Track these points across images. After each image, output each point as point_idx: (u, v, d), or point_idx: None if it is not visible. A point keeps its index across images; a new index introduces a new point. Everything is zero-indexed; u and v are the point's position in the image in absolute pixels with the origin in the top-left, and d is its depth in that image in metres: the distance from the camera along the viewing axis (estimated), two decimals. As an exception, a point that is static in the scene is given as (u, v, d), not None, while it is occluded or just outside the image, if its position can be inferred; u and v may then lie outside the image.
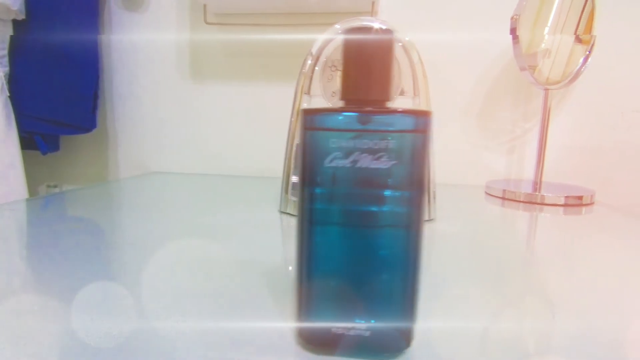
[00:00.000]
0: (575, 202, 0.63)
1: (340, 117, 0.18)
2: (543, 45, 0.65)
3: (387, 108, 0.19)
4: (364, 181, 0.18)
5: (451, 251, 0.42)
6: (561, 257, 0.42)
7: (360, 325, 0.19)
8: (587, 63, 0.64)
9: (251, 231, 0.45)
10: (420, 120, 0.18)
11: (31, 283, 0.30)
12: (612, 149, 0.75)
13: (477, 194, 0.70)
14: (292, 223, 0.48)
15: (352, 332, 0.20)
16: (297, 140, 0.52)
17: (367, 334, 0.19)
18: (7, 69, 0.70)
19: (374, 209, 0.19)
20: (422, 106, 0.48)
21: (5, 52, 0.70)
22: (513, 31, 0.64)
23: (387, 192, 0.18)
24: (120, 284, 0.30)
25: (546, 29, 0.64)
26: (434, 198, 0.50)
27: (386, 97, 0.19)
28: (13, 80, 0.71)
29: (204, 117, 0.83)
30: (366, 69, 0.19)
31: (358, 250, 0.19)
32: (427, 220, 0.49)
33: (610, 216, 0.59)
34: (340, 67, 0.47)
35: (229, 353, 0.20)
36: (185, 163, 0.85)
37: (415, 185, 0.18)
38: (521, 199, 0.65)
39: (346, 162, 0.18)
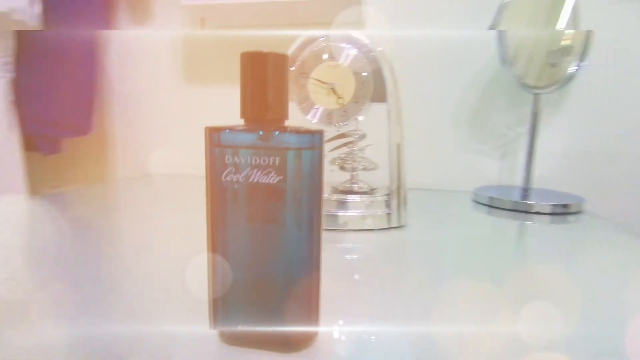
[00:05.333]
0: (563, 211, 0.62)
1: (236, 135, 0.19)
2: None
3: (280, 127, 0.20)
4: (256, 195, 0.19)
5: (409, 259, 0.42)
6: (528, 265, 0.41)
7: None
8: (582, 65, 0.62)
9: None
10: (306, 138, 0.19)
11: None
12: (609, 156, 0.72)
13: (463, 200, 0.69)
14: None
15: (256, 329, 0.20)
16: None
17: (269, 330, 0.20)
18: (10, 74, 0.74)
19: (268, 220, 0.19)
20: (392, 114, 0.48)
21: (10, 59, 0.73)
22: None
23: (278, 205, 0.19)
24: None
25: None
26: (404, 204, 0.50)
27: (282, 116, 0.20)
28: (16, 85, 0.74)
29: (202, 118, 0.85)
30: (262, 90, 0.19)
31: (256, 258, 0.20)
32: (396, 227, 0.49)
33: (596, 226, 0.57)
34: (309, 74, 0.48)
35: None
36: (184, 164, 0.87)
37: (304, 199, 0.19)
38: (507, 207, 0.64)
39: (240, 177, 0.19)
